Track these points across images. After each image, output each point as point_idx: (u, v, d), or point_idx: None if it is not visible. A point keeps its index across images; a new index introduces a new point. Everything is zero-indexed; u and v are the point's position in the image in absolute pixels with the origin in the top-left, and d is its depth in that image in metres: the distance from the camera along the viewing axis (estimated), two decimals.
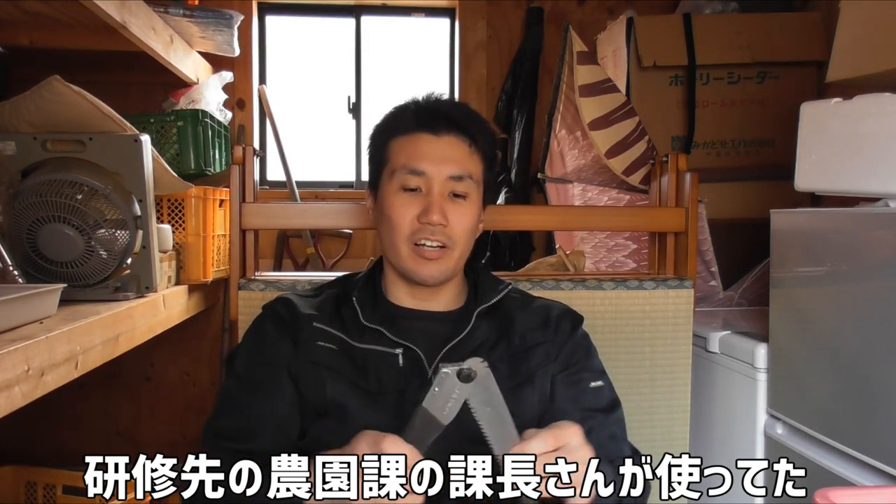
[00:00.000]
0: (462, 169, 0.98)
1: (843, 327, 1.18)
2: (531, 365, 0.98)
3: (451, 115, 1.00)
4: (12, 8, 1.64)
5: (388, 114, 1.05)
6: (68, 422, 2.39)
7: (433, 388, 0.75)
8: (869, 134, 1.16)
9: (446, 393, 0.74)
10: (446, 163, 0.97)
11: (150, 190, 1.23)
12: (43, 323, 0.95)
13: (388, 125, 1.03)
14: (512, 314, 1.02)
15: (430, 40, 2.74)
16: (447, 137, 0.98)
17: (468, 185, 0.98)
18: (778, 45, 1.97)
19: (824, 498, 0.64)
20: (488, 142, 1.03)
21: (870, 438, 1.11)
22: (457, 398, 0.74)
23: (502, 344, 0.99)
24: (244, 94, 2.51)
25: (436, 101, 1.03)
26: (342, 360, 0.95)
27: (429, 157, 0.97)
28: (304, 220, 1.50)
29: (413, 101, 1.03)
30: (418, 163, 0.97)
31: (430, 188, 0.96)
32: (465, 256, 1.01)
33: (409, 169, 0.97)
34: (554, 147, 1.93)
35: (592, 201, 1.90)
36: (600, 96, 1.64)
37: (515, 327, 1.00)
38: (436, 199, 0.96)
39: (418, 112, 1.01)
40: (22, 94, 1.18)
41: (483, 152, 1.01)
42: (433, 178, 0.96)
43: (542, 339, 1.00)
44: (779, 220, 1.35)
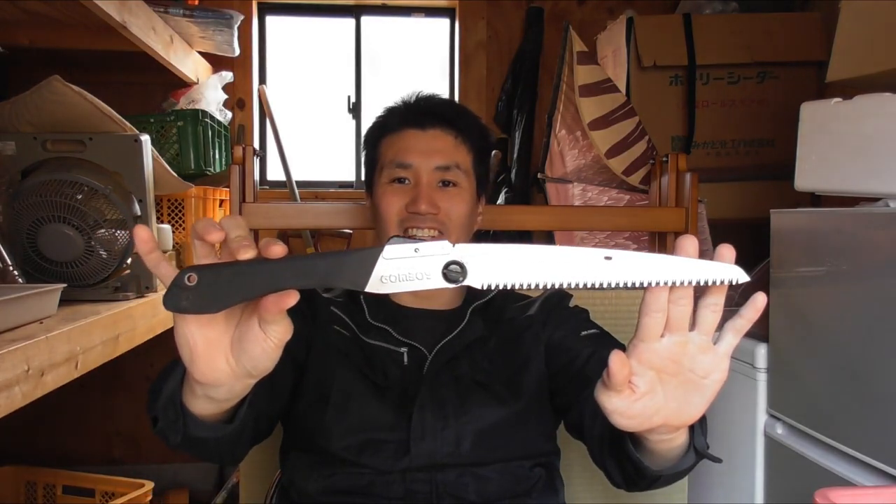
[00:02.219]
0: (448, 159, 0.98)
1: (844, 327, 1.18)
2: (524, 350, 0.98)
3: (436, 110, 1.01)
4: (13, 8, 1.64)
5: (379, 115, 1.06)
6: (68, 422, 2.39)
7: None
8: (869, 134, 1.16)
9: None
10: (433, 154, 0.98)
11: (150, 190, 1.23)
12: (43, 323, 0.95)
13: (378, 126, 1.05)
14: (503, 306, 1.02)
15: (429, 40, 2.74)
16: (433, 131, 0.99)
17: (456, 174, 0.98)
18: (778, 45, 1.97)
19: (824, 498, 0.64)
20: (477, 135, 1.03)
21: (870, 438, 1.11)
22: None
23: (494, 336, 0.99)
24: (244, 94, 2.51)
25: (423, 98, 1.04)
26: (353, 347, 0.96)
27: (415, 150, 0.98)
28: (304, 220, 1.50)
29: (402, 100, 1.05)
30: (405, 156, 0.98)
31: (419, 179, 0.97)
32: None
33: (396, 163, 0.98)
34: (554, 147, 1.93)
35: (592, 201, 1.90)
36: (600, 96, 1.64)
37: (504, 316, 1.01)
38: (424, 188, 0.96)
39: (406, 110, 1.03)
40: (22, 94, 1.18)
41: (471, 144, 1.01)
42: (420, 169, 0.97)
43: (528, 322, 1.00)
44: (779, 219, 1.35)
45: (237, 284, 0.51)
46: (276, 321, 0.54)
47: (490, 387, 0.94)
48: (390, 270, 0.53)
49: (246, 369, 0.56)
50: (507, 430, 0.92)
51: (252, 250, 0.51)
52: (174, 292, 0.51)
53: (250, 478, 1.23)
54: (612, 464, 0.78)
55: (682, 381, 0.58)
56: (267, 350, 0.55)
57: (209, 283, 0.51)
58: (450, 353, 0.95)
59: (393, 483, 0.89)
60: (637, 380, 0.57)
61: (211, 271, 0.51)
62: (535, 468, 0.95)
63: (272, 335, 0.54)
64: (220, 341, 0.56)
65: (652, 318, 0.56)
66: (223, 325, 0.56)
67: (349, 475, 0.90)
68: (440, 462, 0.89)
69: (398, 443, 0.89)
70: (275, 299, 0.52)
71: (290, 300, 0.52)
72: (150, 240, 0.54)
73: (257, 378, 0.59)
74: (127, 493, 1.87)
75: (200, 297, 0.51)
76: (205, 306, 0.51)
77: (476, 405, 0.92)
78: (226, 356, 0.56)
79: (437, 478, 0.89)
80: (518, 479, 0.93)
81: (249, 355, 0.55)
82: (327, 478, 0.92)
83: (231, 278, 0.51)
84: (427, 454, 0.89)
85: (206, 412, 0.64)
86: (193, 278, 0.51)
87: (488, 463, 0.91)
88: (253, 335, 0.54)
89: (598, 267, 0.54)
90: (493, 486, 0.91)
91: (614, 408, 0.58)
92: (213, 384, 0.58)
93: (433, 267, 0.53)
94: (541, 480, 0.95)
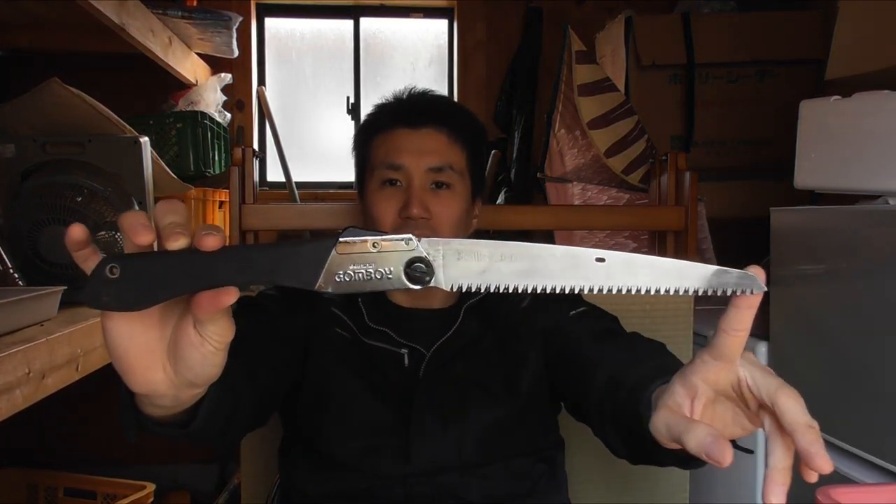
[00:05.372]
0: (441, 160, 0.94)
1: (844, 325, 1.18)
2: (521, 345, 0.95)
3: (429, 108, 0.98)
4: (11, 10, 1.64)
5: (370, 112, 1.02)
6: (69, 424, 2.38)
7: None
8: (868, 131, 1.16)
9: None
10: (425, 155, 0.93)
11: (149, 192, 1.23)
12: (44, 325, 0.95)
13: (368, 124, 1.01)
14: (498, 301, 0.98)
15: (429, 41, 2.74)
16: (425, 130, 0.95)
17: (450, 175, 0.94)
18: (777, 43, 1.97)
19: (826, 496, 0.64)
20: (472, 133, 0.99)
21: (871, 436, 1.11)
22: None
23: (489, 334, 0.96)
24: (243, 95, 2.51)
25: (415, 94, 1.00)
26: (353, 349, 0.94)
27: (407, 151, 0.94)
28: (303, 220, 1.50)
29: (393, 97, 1.01)
30: (397, 156, 0.94)
31: (410, 181, 0.93)
32: None
33: (387, 164, 0.94)
34: (553, 146, 1.93)
35: (592, 200, 1.90)
36: (599, 95, 1.65)
37: (500, 311, 0.98)
38: (416, 191, 0.92)
39: (397, 108, 0.99)
40: (21, 96, 1.18)
41: (465, 143, 0.97)
42: (412, 170, 0.93)
43: (523, 316, 0.97)
44: (778, 218, 1.35)
45: (165, 278, 0.44)
46: (212, 320, 0.47)
47: (488, 387, 0.92)
48: (344, 267, 0.46)
49: (186, 378, 0.49)
50: (508, 429, 0.92)
51: (183, 239, 0.45)
52: (94, 286, 0.44)
53: (251, 479, 1.23)
54: (618, 441, 0.74)
55: (735, 405, 0.52)
56: (206, 355, 0.48)
57: (133, 277, 0.44)
58: (446, 355, 0.93)
59: (394, 487, 0.89)
60: (697, 402, 0.50)
61: (135, 263, 0.45)
62: (538, 463, 0.94)
63: (211, 337, 0.47)
64: (155, 347, 0.48)
65: (734, 337, 0.48)
66: (157, 327, 0.48)
67: (350, 479, 0.90)
68: (441, 466, 0.89)
69: (398, 448, 0.89)
70: (210, 297, 0.45)
71: (228, 298, 0.45)
72: (81, 241, 0.48)
73: (202, 387, 0.53)
74: (128, 494, 1.86)
75: (123, 293, 0.44)
76: (128, 303, 0.44)
77: (475, 407, 0.91)
78: (163, 364, 0.49)
79: (439, 480, 0.89)
80: (520, 475, 0.92)
81: (187, 363, 0.48)
82: (327, 481, 0.91)
83: (158, 271, 0.44)
84: (428, 459, 0.88)
85: (161, 415, 0.57)
86: (115, 270, 0.44)
87: (490, 463, 0.91)
88: (188, 339, 0.47)
89: (587, 269, 0.47)
90: (495, 484, 0.90)
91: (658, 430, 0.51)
92: (153, 395, 0.51)
93: (394, 264, 0.46)
94: (544, 476, 0.94)
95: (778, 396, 0.46)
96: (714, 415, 0.51)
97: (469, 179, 0.98)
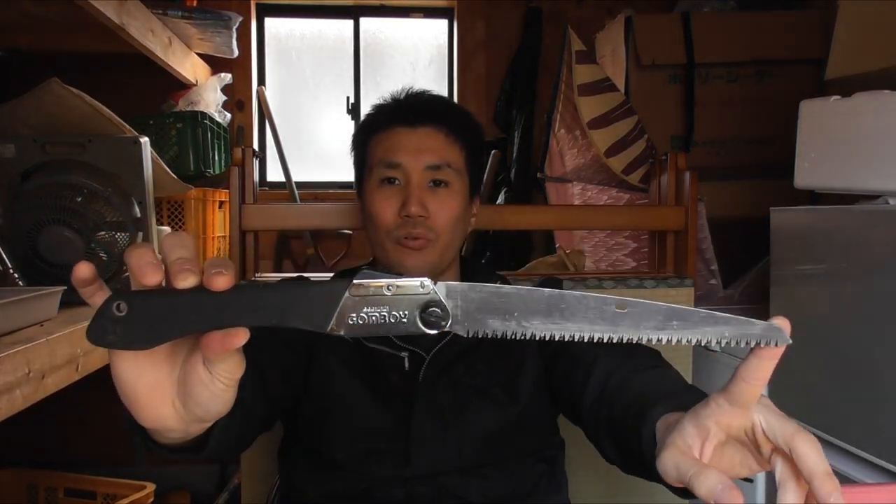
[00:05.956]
0: (439, 158, 0.94)
1: (844, 324, 1.18)
2: (520, 349, 0.95)
3: (427, 107, 0.98)
4: (11, 11, 1.64)
5: (368, 112, 1.02)
6: (69, 424, 2.38)
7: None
8: (868, 131, 1.16)
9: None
10: (423, 153, 0.94)
11: (149, 192, 1.23)
12: (44, 325, 0.95)
13: (366, 124, 1.01)
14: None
15: (429, 41, 2.74)
16: (423, 129, 0.95)
17: (448, 173, 0.94)
18: (777, 43, 1.97)
19: None
20: (470, 132, 0.99)
21: (872, 436, 1.11)
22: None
23: (489, 339, 0.96)
24: (243, 95, 2.51)
25: (413, 94, 1.00)
26: (355, 353, 0.94)
27: (405, 149, 0.94)
28: (304, 220, 1.50)
29: (392, 97, 1.01)
30: (395, 155, 0.94)
31: (409, 179, 0.93)
32: (453, 248, 0.97)
33: (385, 162, 0.94)
34: (553, 146, 1.93)
35: (592, 200, 1.90)
36: (599, 95, 1.65)
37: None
38: (414, 190, 0.92)
39: (395, 107, 0.99)
40: (21, 96, 1.18)
41: (463, 142, 0.97)
42: (410, 169, 0.93)
43: None
44: (779, 218, 1.35)
45: (173, 318, 0.43)
46: (222, 359, 0.46)
47: (488, 391, 0.92)
48: (357, 310, 0.44)
49: (196, 415, 0.48)
50: (508, 432, 0.92)
51: (193, 277, 0.43)
52: (100, 323, 0.43)
53: (252, 480, 1.23)
54: (614, 450, 0.74)
55: (744, 448, 0.51)
56: (216, 393, 0.47)
57: (140, 315, 0.43)
58: (446, 359, 0.93)
59: (394, 487, 0.89)
60: (707, 445, 0.49)
61: (143, 300, 0.43)
62: (538, 464, 0.94)
63: (221, 375, 0.47)
64: (164, 383, 0.47)
65: (753, 387, 0.47)
66: (166, 364, 0.47)
67: (350, 479, 0.90)
68: (441, 468, 0.89)
69: (398, 451, 0.89)
70: (219, 338, 0.44)
71: (238, 339, 0.44)
72: (87, 279, 0.45)
73: (210, 422, 0.52)
74: (128, 495, 1.87)
75: (130, 331, 0.43)
76: (134, 341, 0.44)
77: (475, 411, 0.91)
78: (171, 400, 0.48)
79: (439, 480, 0.89)
80: (521, 476, 0.92)
81: (196, 399, 0.47)
82: (327, 481, 0.91)
83: (166, 310, 0.43)
84: (428, 462, 0.89)
85: (171, 443, 0.56)
86: (123, 307, 0.43)
87: (490, 464, 0.91)
88: (197, 376, 0.47)
89: (608, 318, 0.45)
90: (495, 485, 0.90)
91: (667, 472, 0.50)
92: (162, 430, 0.50)
93: (409, 308, 0.45)
94: (544, 477, 0.95)
95: (796, 443, 0.45)
96: (723, 457, 0.50)
97: (467, 178, 0.98)
